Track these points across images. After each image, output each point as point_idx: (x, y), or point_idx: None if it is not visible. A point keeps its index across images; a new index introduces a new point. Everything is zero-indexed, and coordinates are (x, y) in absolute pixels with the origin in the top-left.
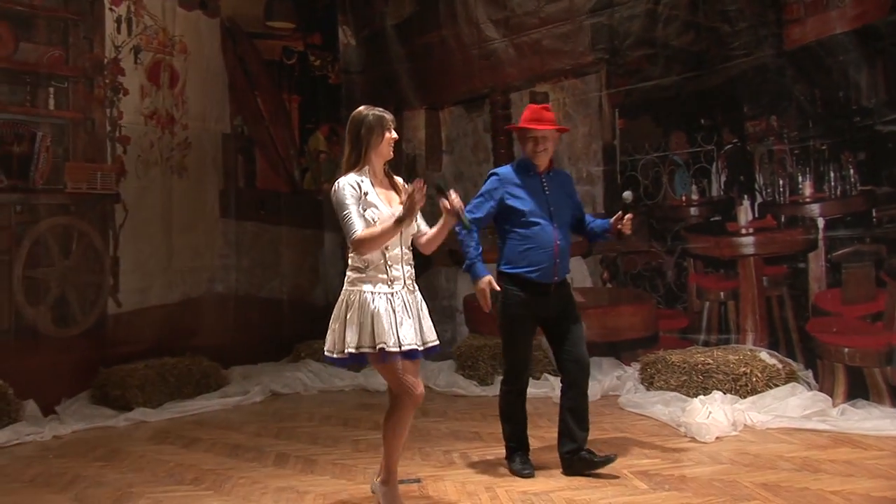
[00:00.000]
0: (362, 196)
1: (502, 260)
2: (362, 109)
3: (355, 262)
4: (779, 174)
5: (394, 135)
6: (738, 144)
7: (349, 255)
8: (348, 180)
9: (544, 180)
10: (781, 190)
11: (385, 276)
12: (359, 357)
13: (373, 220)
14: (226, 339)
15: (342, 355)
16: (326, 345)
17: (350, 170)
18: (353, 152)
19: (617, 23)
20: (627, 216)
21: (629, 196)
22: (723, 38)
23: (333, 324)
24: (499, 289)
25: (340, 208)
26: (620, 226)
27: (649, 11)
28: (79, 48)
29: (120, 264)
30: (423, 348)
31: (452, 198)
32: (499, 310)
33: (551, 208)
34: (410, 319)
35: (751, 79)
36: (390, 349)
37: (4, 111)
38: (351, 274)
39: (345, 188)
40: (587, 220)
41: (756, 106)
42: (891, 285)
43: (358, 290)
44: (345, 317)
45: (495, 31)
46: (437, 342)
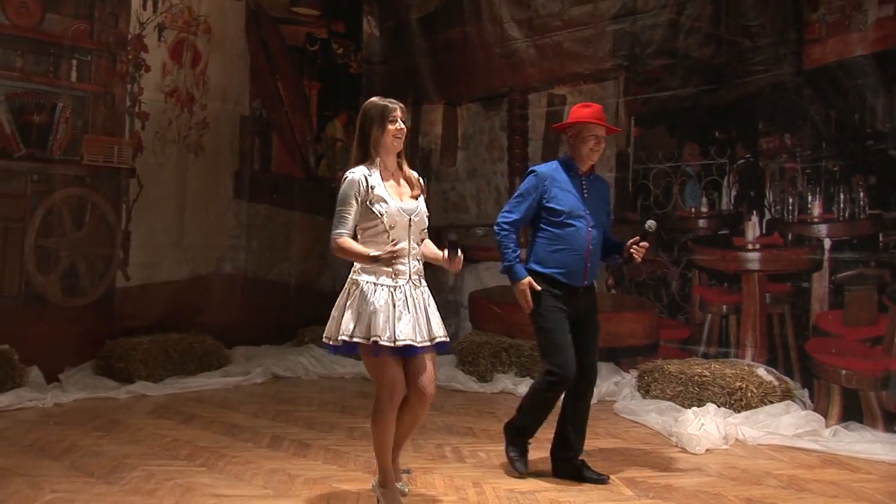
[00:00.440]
0: (369, 190)
1: (532, 258)
2: (371, 100)
3: None
4: (789, 192)
5: (399, 125)
6: (751, 160)
7: None
8: (356, 174)
9: (584, 182)
10: (790, 208)
11: (389, 269)
12: (352, 346)
13: (380, 214)
14: (231, 319)
15: (336, 342)
16: (325, 331)
17: (359, 162)
18: (359, 145)
19: (639, 31)
20: (643, 244)
21: (653, 225)
22: (743, 53)
23: (334, 311)
24: (539, 289)
25: (338, 202)
26: (634, 250)
27: (672, 21)
28: (104, 22)
29: (131, 238)
30: (431, 344)
31: (458, 258)
32: (535, 309)
33: (588, 211)
34: (410, 314)
35: (768, 95)
36: (383, 343)
37: (27, 81)
38: (357, 264)
39: (350, 183)
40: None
41: (771, 123)
42: (892, 310)
43: (361, 281)
44: (345, 305)
45: (518, 30)
46: (446, 338)
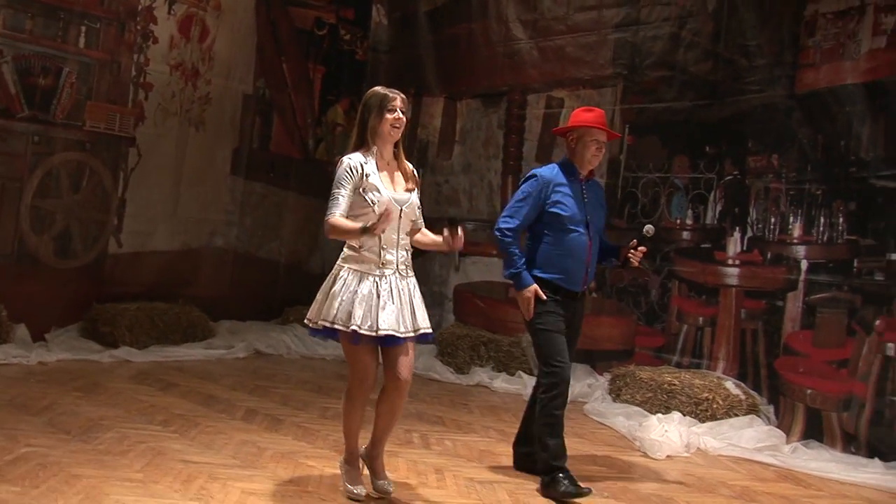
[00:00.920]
0: (364, 177)
1: (532, 263)
2: (374, 89)
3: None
4: (772, 211)
5: (397, 115)
6: (738, 177)
7: None
8: (352, 160)
9: (584, 187)
10: (772, 227)
11: (377, 259)
12: (332, 332)
13: (371, 203)
14: (219, 292)
15: (317, 326)
16: (308, 313)
17: (356, 149)
18: (358, 132)
19: (640, 41)
20: (641, 248)
21: (651, 230)
22: (739, 72)
23: (319, 295)
24: (544, 297)
25: (334, 185)
26: (631, 254)
27: (673, 35)
28: None
29: (126, 206)
30: (414, 335)
31: (459, 236)
32: (534, 314)
33: (588, 216)
34: (394, 305)
35: (759, 115)
36: (363, 332)
37: (35, 43)
38: (346, 251)
39: (346, 168)
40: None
41: (760, 142)
42: (860, 335)
43: (348, 268)
44: (329, 290)
45: (523, 31)
46: (429, 330)
